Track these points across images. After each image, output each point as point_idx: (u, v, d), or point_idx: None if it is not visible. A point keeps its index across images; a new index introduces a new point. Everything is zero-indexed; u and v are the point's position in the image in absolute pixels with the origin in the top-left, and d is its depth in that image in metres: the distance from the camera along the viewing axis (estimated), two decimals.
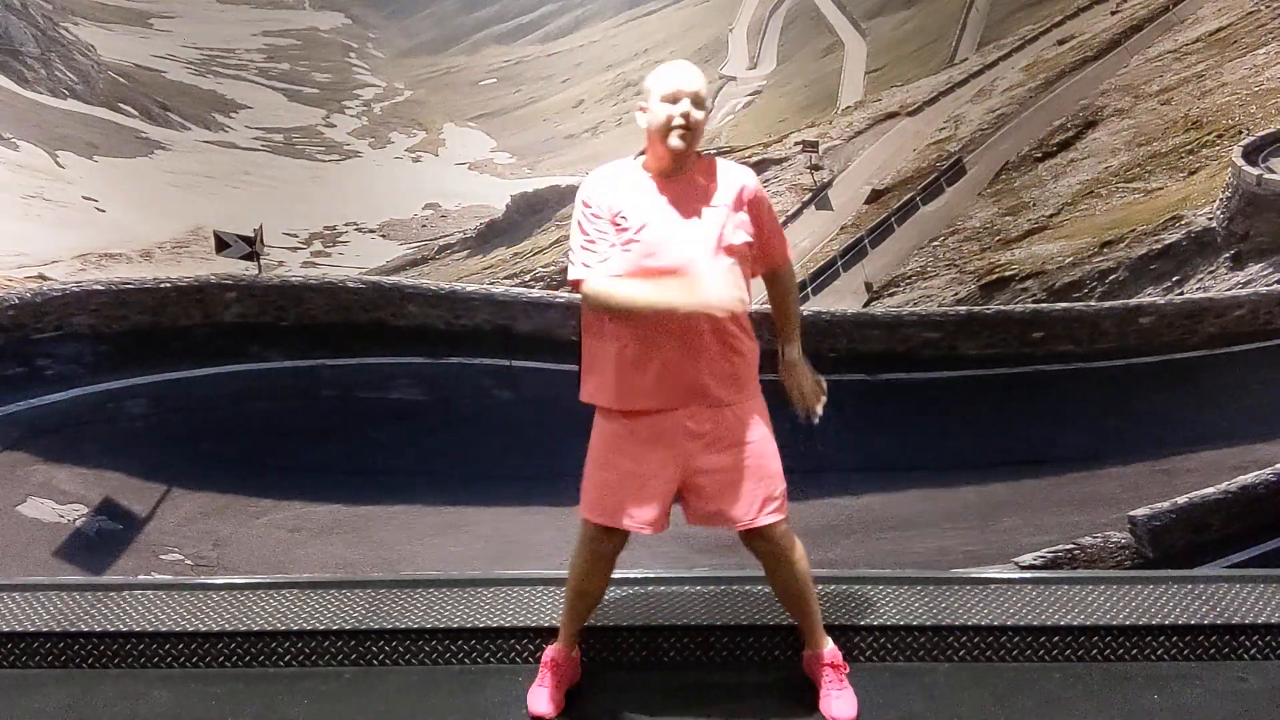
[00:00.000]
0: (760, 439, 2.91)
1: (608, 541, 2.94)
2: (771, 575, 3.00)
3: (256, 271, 13.32)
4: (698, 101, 2.78)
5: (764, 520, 2.89)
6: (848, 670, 3.01)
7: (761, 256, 2.92)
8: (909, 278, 31.49)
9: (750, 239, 2.86)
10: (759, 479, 2.89)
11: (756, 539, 2.93)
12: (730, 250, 2.83)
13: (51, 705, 3.08)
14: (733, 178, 2.89)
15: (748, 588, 3.45)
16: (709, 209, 2.83)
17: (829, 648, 3.02)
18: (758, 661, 3.20)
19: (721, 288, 2.78)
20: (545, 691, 2.98)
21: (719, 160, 2.94)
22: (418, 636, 3.26)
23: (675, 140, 2.77)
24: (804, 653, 3.07)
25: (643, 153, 2.93)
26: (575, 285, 2.85)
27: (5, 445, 10.07)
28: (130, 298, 11.64)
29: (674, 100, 2.77)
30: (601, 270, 2.81)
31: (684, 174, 2.85)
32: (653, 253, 2.78)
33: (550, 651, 3.06)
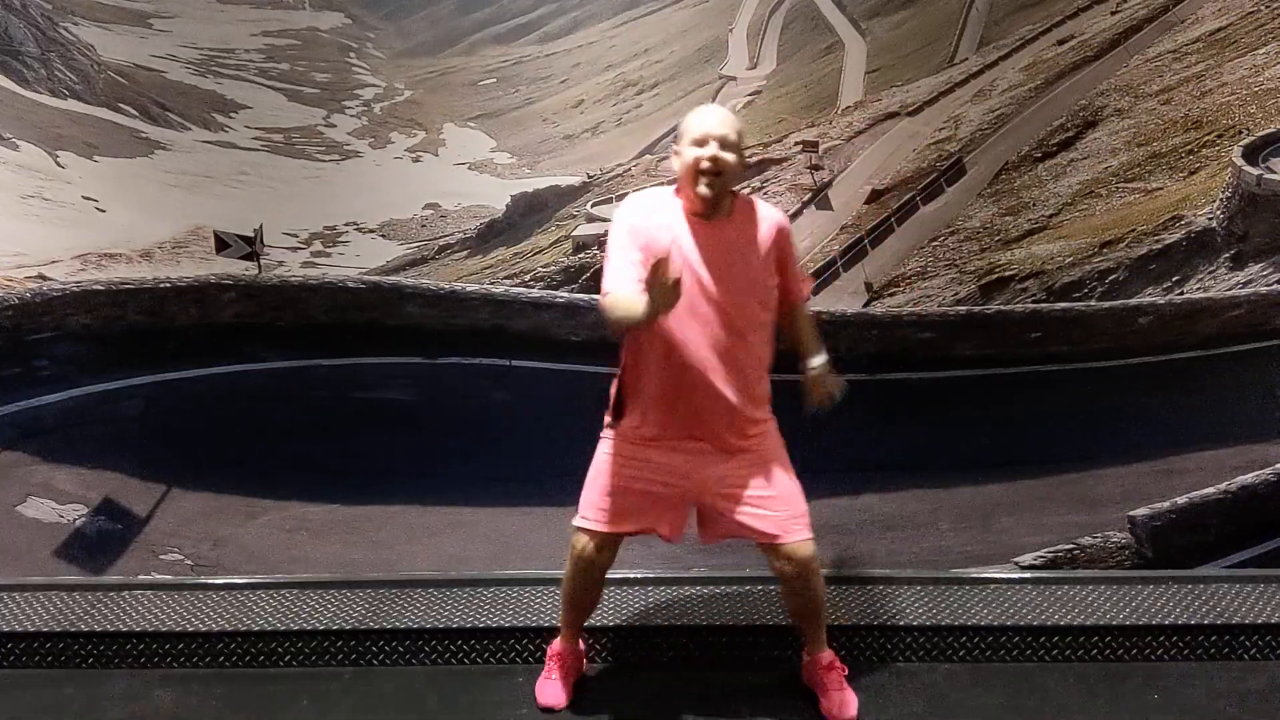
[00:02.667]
0: (783, 459, 2.95)
1: (601, 554, 2.94)
2: (792, 593, 2.98)
3: (256, 271, 13.30)
4: (726, 145, 2.75)
5: (795, 538, 2.90)
6: (847, 672, 3.02)
7: (784, 296, 2.93)
8: (909, 278, 31.50)
9: (775, 283, 2.88)
10: (786, 497, 2.92)
11: (783, 559, 2.91)
12: (763, 300, 2.86)
13: (51, 705, 3.08)
14: (766, 222, 2.88)
15: (746, 588, 3.45)
16: (742, 257, 2.83)
17: (828, 652, 3.03)
18: (757, 661, 3.20)
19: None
20: (554, 684, 3.01)
21: (755, 202, 2.93)
22: (417, 636, 3.25)
23: (702, 187, 2.75)
24: (803, 658, 3.08)
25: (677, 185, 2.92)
26: (603, 298, 2.91)
27: (4, 445, 10.07)
28: (128, 298, 11.63)
29: (702, 144, 2.75)
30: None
31: (720, 218, 2.83)
32: (686, 297, 2.74)
33: (556, 644, 3.08)
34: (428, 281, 14.49)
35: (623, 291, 2.74)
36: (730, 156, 2.75)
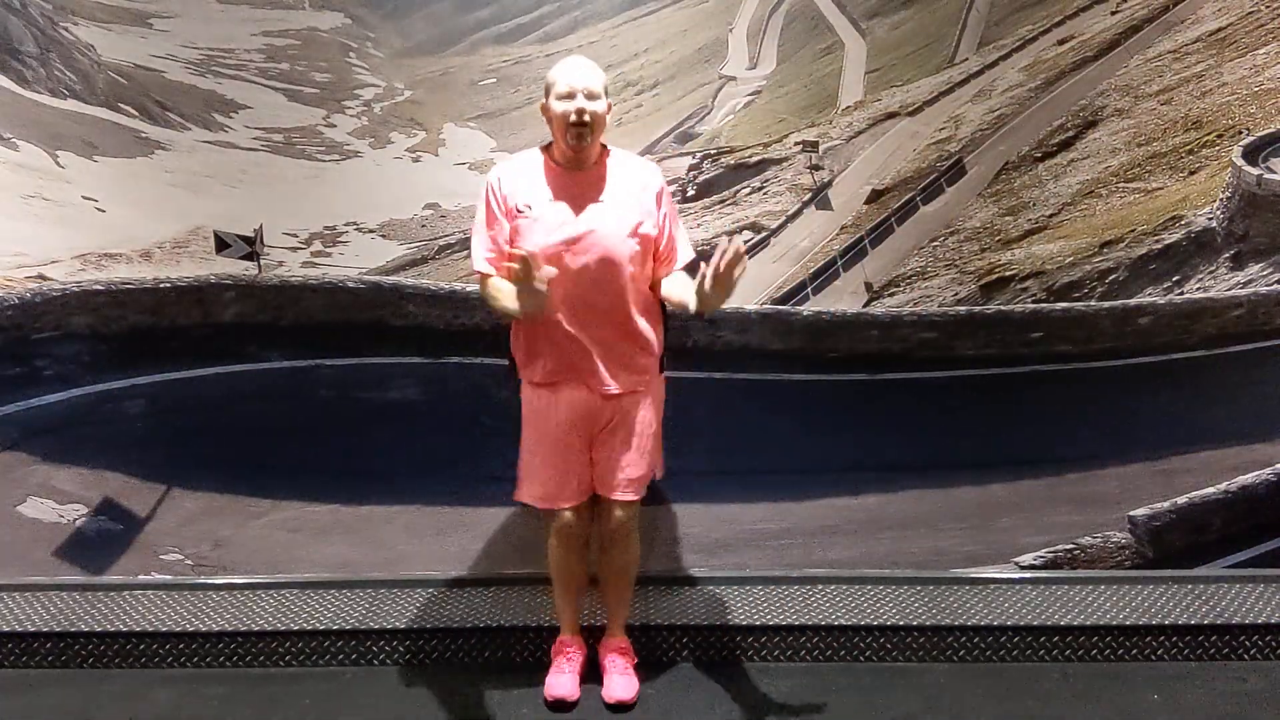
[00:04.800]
0: (650, 420, 2.96)
1: (578, 522, 3.00)
2: (607, 554, 3.05)
3: (256, 271, 13.32)
4: (592, 95, 2.77)
5: (618, 496, 2.95)
6: (635, 661, 3.11)
7: (662, 257, 2.93)
8: (909, 278, 31.57)
9: (654, 233, 2.87)
10: (635, 457, 2.94)
11: (603, 515, 2.99)
12: (640, 238, 2.85)
13: (51, 705, 3.08)
14: (639, 171, 2.91)
15: (745, 588, 3.46)
16: (615, 198, 2.84)
17: (622, 638, 3.14)
18: (756, 661, 3.21)
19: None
20: (565, 678, 3.05)
21: (625, 154, 2.96)
22: (418, 636, 3.26)
23: (572, 137, 2.78)
24: (602, 641, 3.15)
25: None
26: (479, 276, 2.92)
27: (4, 446, 10.07)
28: (129, 298, 11.63)
29: (569, 97, 2.76)
30: (486, 262, 2.88)
31: (590, 167, 2.86)
32: (554, 242, 2.78)
33: (560, 639, 3.12)
34: (428, 281, 14.51)
35: (499, 288, 2.79)
36: (597, 107, 2.77)
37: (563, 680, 3.04)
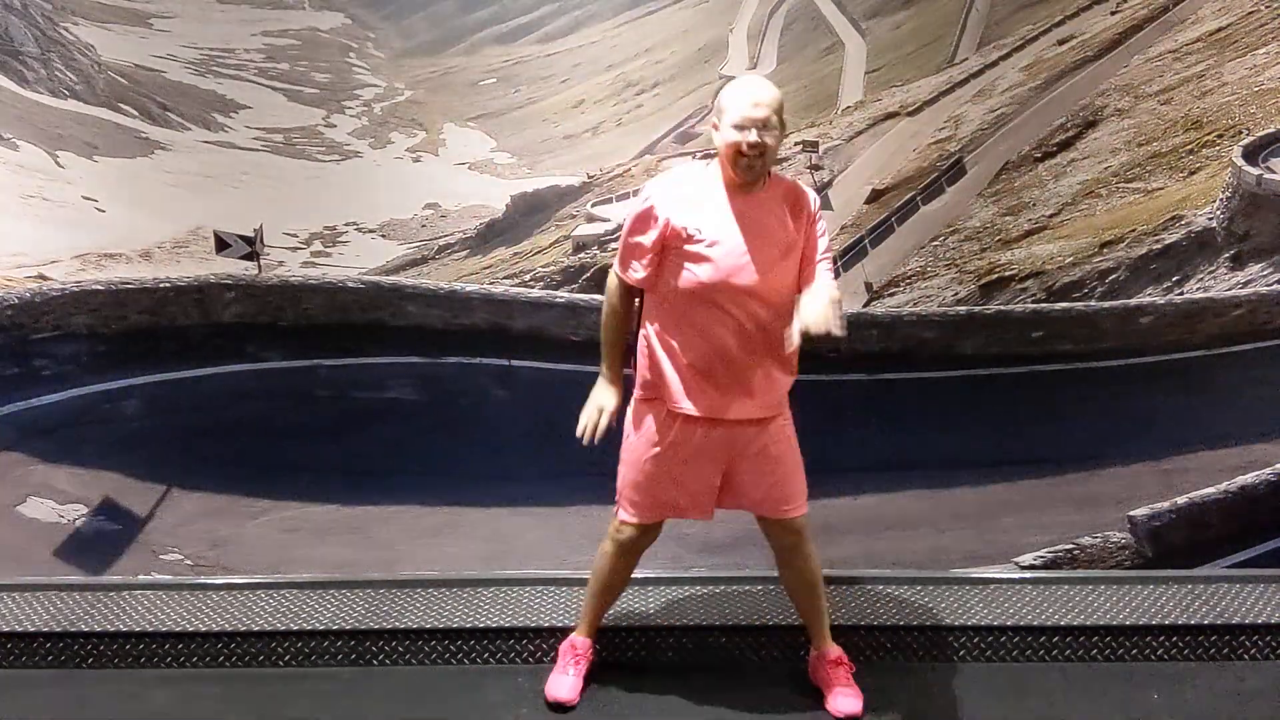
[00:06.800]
0: (792, 435, 2.99)
1: (644, 538, 3.01)
2: (789, 569, 3.01)
3: (256, 271, 13.31)
4: (766, 126, 2.75)
5: (795, 512, 2.94)
6: (854, 669, 3.03)
7: (806, 274, 2.93)
8: (909, 278, 31.48)
9: (800, 255, 2.91)
10: (792, 473, 2.97)
11: (782, 530, 2.97)
12: (793, 269, 2.89)
13: (51, 705, 3.08)
14: (801, 196, 2.93)
15: (745, 588, 3.45)
16: (777, 225, 2.86)
17: (834, 647, 3.04)
18: (756, 661, 3.20)
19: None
20: (567, 679, 3.02)
21: (785, 178, 2.97)
22: (417, 636, 3.26)
23: (743, 169, 2.78)
24: (810, 654, 3.08)
25: (709, 155, 2.95)
26: (619, 283, 2.94)
27: (4, 446, 10.07)
28: (129, 298, 11.64)
29: (742, 128, 2.74)
30: (630, 277, 2.90)
31: (757, 188, 2.86)
32: (728, 267, 2.80)
33: (573, 640, 3.10)
34: (428, 281, 14.51)
35: (608, 308, 2.93)
36: (771, 139, 2.76)
37: (565, 682, 3.02)
